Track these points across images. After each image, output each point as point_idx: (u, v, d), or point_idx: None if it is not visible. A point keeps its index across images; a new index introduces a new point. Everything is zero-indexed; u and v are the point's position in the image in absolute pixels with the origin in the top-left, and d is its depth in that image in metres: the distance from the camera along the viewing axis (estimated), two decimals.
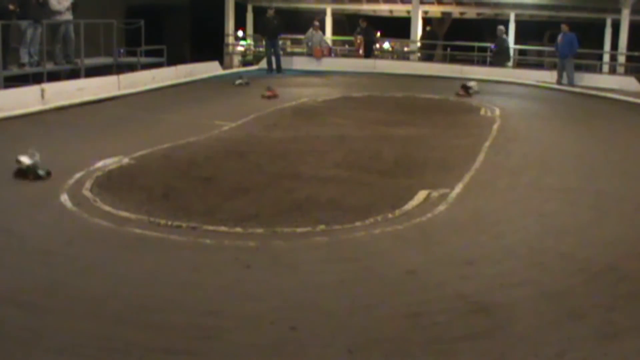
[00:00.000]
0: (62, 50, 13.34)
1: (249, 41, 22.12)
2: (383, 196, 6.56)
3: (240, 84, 14.86)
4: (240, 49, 21.68)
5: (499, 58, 18.61)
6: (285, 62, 18.44)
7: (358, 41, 19.50)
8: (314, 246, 5.25)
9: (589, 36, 19.10)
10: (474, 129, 10.41)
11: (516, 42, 20.08)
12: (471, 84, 14.62)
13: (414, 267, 4.81)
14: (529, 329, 3.93)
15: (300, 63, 19.01)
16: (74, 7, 13.40)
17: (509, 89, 15.82)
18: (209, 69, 17.02)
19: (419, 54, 20.46)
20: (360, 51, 19.41)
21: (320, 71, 18.20)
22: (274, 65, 17.92)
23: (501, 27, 18.66)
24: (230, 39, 20.98)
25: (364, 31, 19.51)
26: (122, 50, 15.93)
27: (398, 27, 21.61)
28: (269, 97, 12.98)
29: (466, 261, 4.95)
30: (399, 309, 4.15)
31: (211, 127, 9.88)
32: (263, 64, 18.39)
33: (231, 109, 11.79)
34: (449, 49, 20.12)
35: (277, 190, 6.74)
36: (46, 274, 4.56)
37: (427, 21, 22.33)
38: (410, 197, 6.46)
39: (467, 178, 7.33)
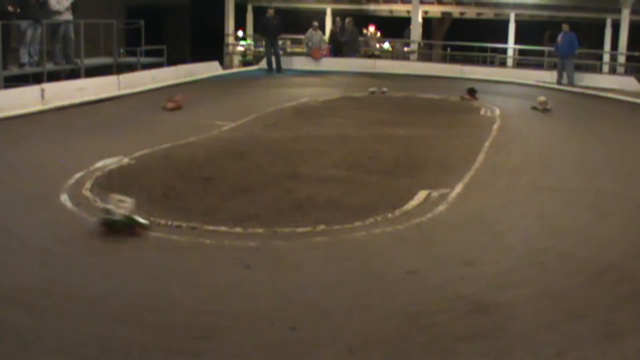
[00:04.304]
0: (62, 50, 13.34)
1: (249, 41, 22.11)
2: (383, 196, 6.55)
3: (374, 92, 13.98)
4: (240, 49, 21.67)
5: (348, 48, 19.14)
6: (285, 62, 18.46)
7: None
8: (314, 246, 5.25)
9: (589, 36, 19.10)
10: (474, 129, 10.41)
11: (516, 42, 20.05)
12: (542, 98, 12.62)
13: (414, 267, 4.81)
14: (529, 329, 3.93)
15: (300, 63, 19.02)
16: (74, 7, 13.40)
17: (509, 89, 15.83)
18: (209, 69, 17.03)
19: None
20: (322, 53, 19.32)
21: (320, 71, 18.21)
22: (274, 65, 17.94)
23: (349, 19, 19.27)
24: (230, 39, 20.97)
25: (337, 30, 19.59)
26: (121, 50, 15.92)
27: (399, 27, 21.61)
28: (171, 109, 11.20)
29: (466, 261, 4.95)
30: (399, 309, 4.15)
31: (211, 127, 9.87)
32: (263, 64, 18.41)
33: (231, 109, 11.78)
34: (449, 49, 20.10)
35: (277, 190, 6.73)
36: (46, 274, 4.56)
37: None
38: (410, 197, 6.46)
39: (467, 178, 7.33)
